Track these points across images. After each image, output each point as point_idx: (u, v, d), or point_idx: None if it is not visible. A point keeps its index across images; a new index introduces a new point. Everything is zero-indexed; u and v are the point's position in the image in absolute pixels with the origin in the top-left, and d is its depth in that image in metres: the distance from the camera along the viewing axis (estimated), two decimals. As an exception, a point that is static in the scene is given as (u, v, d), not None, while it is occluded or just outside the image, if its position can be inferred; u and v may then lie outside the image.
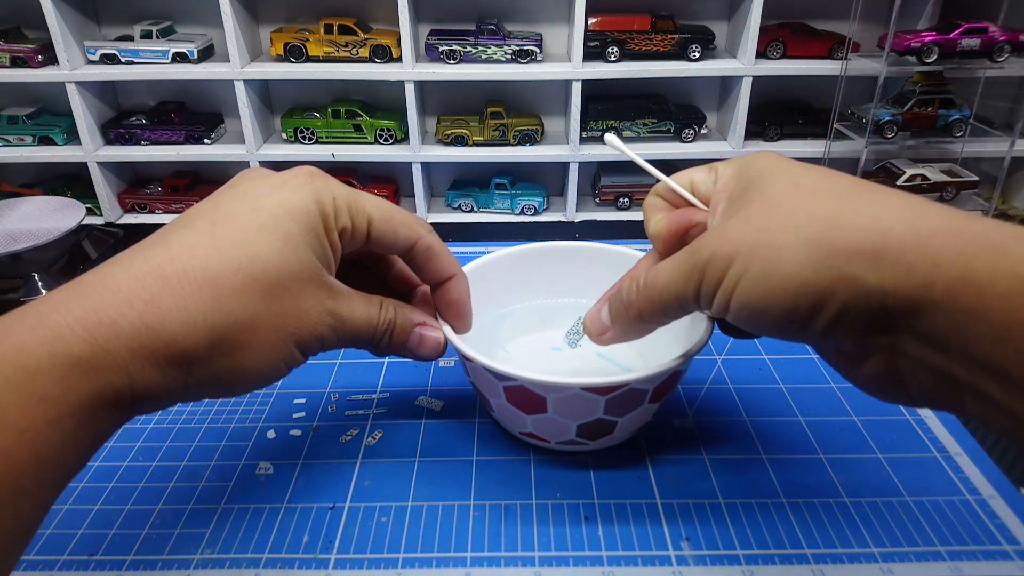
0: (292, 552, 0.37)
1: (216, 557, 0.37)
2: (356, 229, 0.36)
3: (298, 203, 0.33)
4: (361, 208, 0.36)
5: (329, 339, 0.35)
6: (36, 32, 0.69)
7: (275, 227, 0.32)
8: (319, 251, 0.34)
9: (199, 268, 0.30)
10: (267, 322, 0.32)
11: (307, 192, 0.34)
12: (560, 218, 0.73)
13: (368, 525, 0.39)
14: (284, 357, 0.33)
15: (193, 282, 0.30)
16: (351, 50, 0.66)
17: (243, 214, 0.33)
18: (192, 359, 0.30)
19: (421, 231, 0.38)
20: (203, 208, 0.34)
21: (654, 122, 0.70)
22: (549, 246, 0.52)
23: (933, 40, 0.58)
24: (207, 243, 0.31)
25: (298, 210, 0.33)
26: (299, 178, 0.35)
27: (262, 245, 0.32)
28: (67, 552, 0.37)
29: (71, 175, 0.80)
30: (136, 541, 0.38)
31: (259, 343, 0.32)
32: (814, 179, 0.30)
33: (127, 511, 0.40)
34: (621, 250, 0.51)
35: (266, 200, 0.33)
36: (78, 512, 0.40)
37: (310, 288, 0.33)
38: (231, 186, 0.35)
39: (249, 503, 0.40)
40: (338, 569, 0.37)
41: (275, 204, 0.33)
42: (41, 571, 0.36)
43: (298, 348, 0.33)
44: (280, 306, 0.32)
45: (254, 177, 0.36)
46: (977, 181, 0.64)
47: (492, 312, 0.51)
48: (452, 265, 0.41)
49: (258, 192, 0.34)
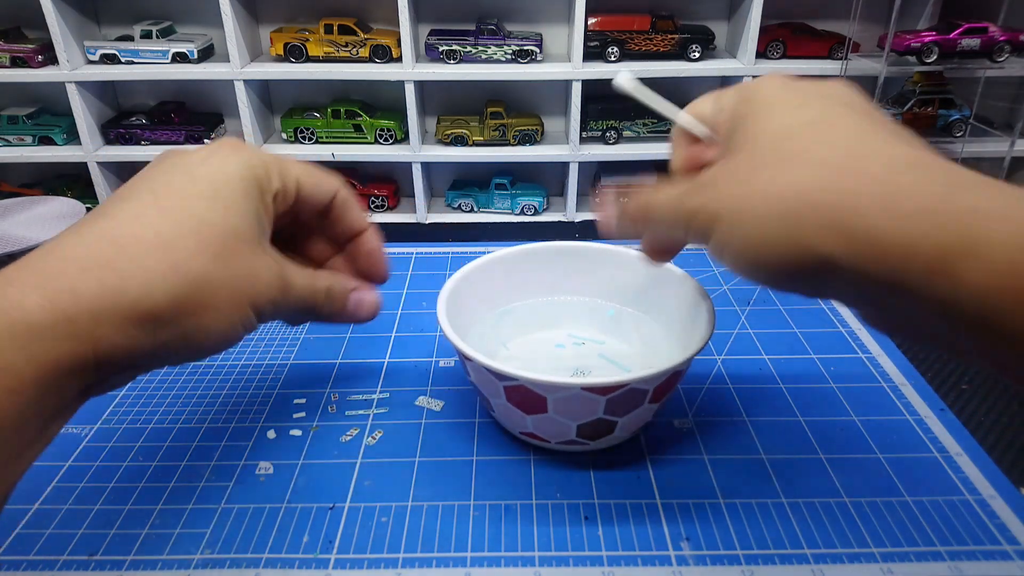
0: (292, 552, 0.37)
1: (216, 557, 0.37)
2: (287, 190, 0.37)
3: (231, 169, 0.34)
4: (289, 170, 0.37)
5: (280, 303, 0.35)
6: (36, 32, 0.69)
7: (214, 193, 0.33)
8: (259, 215, 0.35)
9: (151, 233, 0.31)
10: (223, 283, 0.32)
11: (238, 159, 0.35)
12: (560, 218, 0.73)
13: (368, 525, 0.39)
14: (242, 318, 0.33)
15: (147, 246, 0.30)
16: (351, 50, 0.66)
17: (181, 183, 0.33)
18: (156, 319, 0.30)
19: (337, 183, 0.40)
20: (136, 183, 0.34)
21: (654, 122, 0.70)
22: (549, 246, 0.52)
23: (933, 40, 0.58)
24: (153, 211, 0.32)
25: (232, 176, 0.34)
26: (226, 148, 0.35)
27: (206, 210, 0.32)
28: (67, 552, 0.37)
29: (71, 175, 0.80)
30: (136, 541, 0.38)
31: (219, 303, 0.32)
32: (809, 123, 0.29)
33: (127, 511, 0.40)
34: (621, 250, 0.51)
35: (200, 169, 0.34)
36: (78, 512, 0.40)
37: (257, 251, 0.34)
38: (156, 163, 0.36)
39: (249, 503, 0.40)
40: (338, 569, 0.37)
41: (211, 171, 0.34)
42: (41, 571, 0.36)
43: (253, 310, 0.34)
44: (233, 268, 0.32)
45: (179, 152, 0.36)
46: (977, 181, 0.64)
47: (492, 312, 0.51)
48: (364, 217, 0.42)
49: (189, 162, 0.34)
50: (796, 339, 0.56)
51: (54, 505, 0.40)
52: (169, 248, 0.31)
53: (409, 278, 0.66)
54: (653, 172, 0.78)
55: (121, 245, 0.30)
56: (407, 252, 0.71)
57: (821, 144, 0.28)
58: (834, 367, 0.52)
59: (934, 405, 0.48)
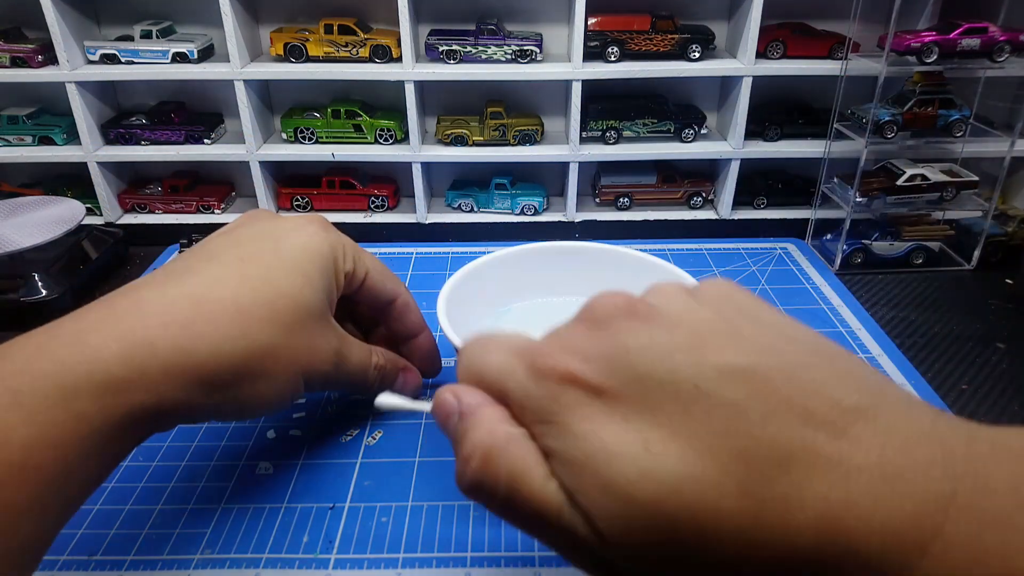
0: (292, 552, 0.37)
1: (216, 557, 0.37)
2: (356, 276, 0.39)
3: (315, 246, 0.37)
4: (362, 259, 0.40)
5: (331, 376, 0.37)
6: (36, 32, 0.69)
7: (296, 267, 0.35)
8: (330, 291, 0.37)
9: (229, 298, 0.32)
10: (285, 353, 0.34)
11: (323, 237, 0.37)
12: (560, 218, 0.73)
13: (368, 525, 0.39)
14: (293, 387, 0.35)
15: (225, 310, 0.32)
16: (351, 50, 0.66)
17: (267, 252, 0.35)
18: (217, 382, 0.31)
19: (401, 288, 0.43)
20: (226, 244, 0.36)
21: (654, 122, 0.70)
22: (549, 246, 0.52)
23: (933, 40, 0.58)
24: (236, 276, 0.33)
25: (315, 252, 0.36)
26: (315, 224, 0.38)
27: (285, 282, 0.34)
28: (67, 552, 0.38)
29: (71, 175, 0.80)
30: (136, 541, 0.38)
31: (276, 372, 0.33)
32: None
33: (127, 511, 0.40)
34: (621, 250, 0.51)
35: (287, 241, 0.36)
36: (78, 512, 0.40)
37: (321, 325, 0.36)
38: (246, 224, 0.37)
39: (249, 503, 0.40)
40: (338, 569, 0.37)
41: (296, 246, 0.36)
42: (41, 571, 0.36)
43: (304, 380, 0.35)
44: (297, 339, 0.34)
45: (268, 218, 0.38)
46: (977, 181, 0.64)
47: (492, 312, 0.51)
48: (422, 320, 0.45)
49: (278, 233, 0.37)
50: (796, 339, 0.56)
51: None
52: (243, 315, 0.32)
53: (409, 278, 0.66)
54: (653, 172, 0.77)
55: (200, 305, 0.31)
56: (407, 252, 0.71)
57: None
58: (834, 367, 0.52)
59: (934, 405, 0.48)
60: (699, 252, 0.71)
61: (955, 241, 0.70)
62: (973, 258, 0.69)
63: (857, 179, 0.65)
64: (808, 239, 0.74)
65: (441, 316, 0.43)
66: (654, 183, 0.77)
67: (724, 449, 0.21)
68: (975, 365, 0.54)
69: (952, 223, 0.70)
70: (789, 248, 0.72)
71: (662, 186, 0.77)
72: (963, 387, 0.51)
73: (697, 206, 0.78)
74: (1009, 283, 0.66)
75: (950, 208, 0.68)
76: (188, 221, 0.77)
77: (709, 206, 0.79)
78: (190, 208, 0.78)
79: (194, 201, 0.78)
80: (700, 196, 0.78)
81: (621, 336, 0.24)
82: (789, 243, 0.73)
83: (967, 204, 0.67)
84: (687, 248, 0.72)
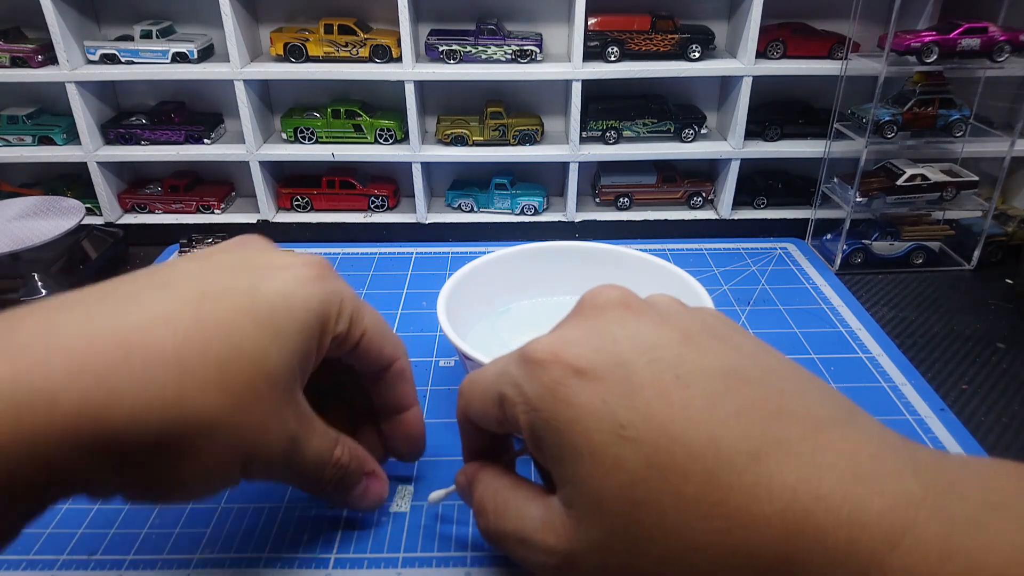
0: (292, 552, 0.37)
1: (216, 557, 0.37)
2: (350, 338, 0.32)
3: (303, 296, 0.28)
4: (361, 316, 0.32)
5: (276, 468, 0.30)
6: (36, 32, 0.69)
7: (269, 319, 0.27)
8: (306, 357, 0.29)
9: (171, 347, 0.24)
10: (226, 431, 0.26)
11: (317, 287, 0.29)
12: (560, 218, 0.73)
13: (368, 525, 0.39)
14: (225, 476, 0.27)
15: (161, 363, 0.24)
16: (351, 50, 0.66)
17: (239, 293, 0.27)
18: (130, 457, 0.24)
19: (400, 352, 0.35)
20: (192, 271, 0.28)
21: (654, 122, 0.70)
22: (549, 246, 0.52)
23: (933, 40, 0.58)
24: (189, 318, 0.25)
25: (300, 304, 0.28)
26: (311, 268, 0.30)
27: (248, 337, 0.26)
28: (67, 552, 0.37)
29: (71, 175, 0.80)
30: (136, 541, 0.38)
31: (209, 454, 0.26)
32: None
33: (127, 511, 0.40)
34: (621, 250, 0.51)
35: (269, 283, 0.28)
36: (78, 512, 0.40)
37: (282, 401, 0.28)
38: (230, 251, 0.30)
39: (249, 503, 0.40)
40: (338, 569, 0.37)
41: (276, 292, 0.28)
42: (41, 571, 0.36)
43: (242, 470, 0.28)
44: (246, 415, 0.26)
45: (259, 249, 0.30)
46: (977, 181, 0.63)
47: (492, 311, 0.51)
48: (414, 393, 0.37)
49: (262, 270, 0.28)
50: (796, 339, 0.56)
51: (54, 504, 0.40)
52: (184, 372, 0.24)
53: (409, 278, 0.66)
54: (653, 172, 0.77)
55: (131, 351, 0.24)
56: (407, 252, 0.71)
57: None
58: (834, 367, 0.52)
59: (934, 405, 0.48)
60: (699, 252, 0.71)
61: (955, 241, 0.70)
62: (973, 258, 0.69)
63: (857, 179, 0.65)
64: (808, 239, 0.74)
65: (441, 316, 0.43)
66: (654, 183, 0.77)
67: (696, 437, 0.22)
68: (975, 365, 0.54)
69: (952, 223, 0.70)
70: (789, 248, 0.72)
71: (662, 186, 0.77)
72: (963, 387, 0.51)
73: (697, 206, 0.78)
74: (1009, 283, 0.66)
75: (950, 208, 0.68)
76: (188, 221, 0.77)
77: (709, 206, 0.79)
78: (190, 208, 0.78)
79: (194, 201, 0.78)
80: (700, 196, 0.78)
81: (611, 324, 0.25)
82: (789, 243, 0.73)
83: (967, 204, 0.67)
84: (687, 248, 0.72)
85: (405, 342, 0.56)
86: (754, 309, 0.60)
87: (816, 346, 0.55)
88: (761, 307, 0.60)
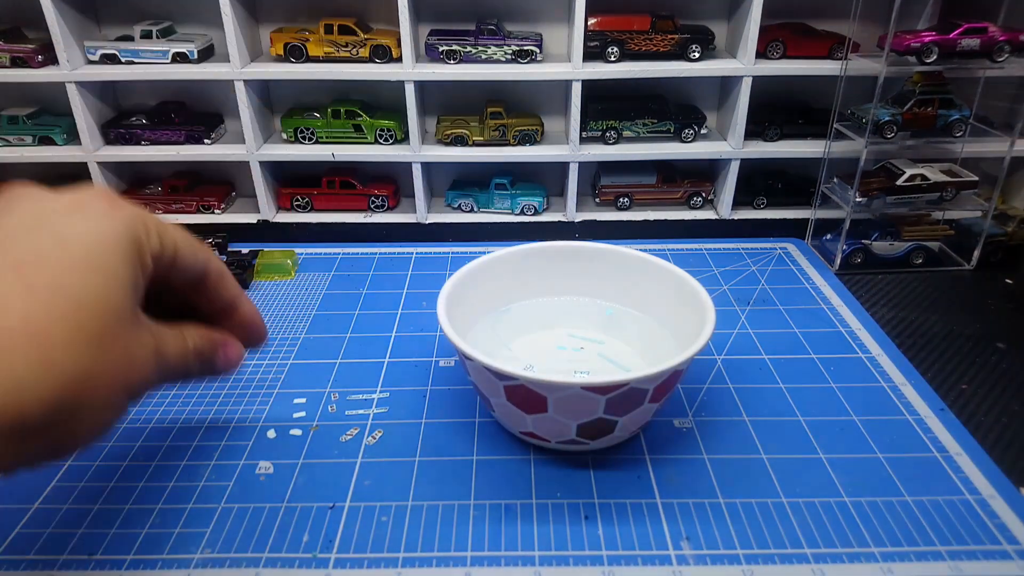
0: (292, 552, 0.37)
1: (216, 557, 0.37)
2: (165, 255, 0.32)
3: (110, 230, 0.29)
4: (168, 232, 0.33)
5: (153, 382, 0.32)
6: (36, 32, 0.69)
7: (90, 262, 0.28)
8: (137, 282, 0.30)
9: (18, 320, 0.25)
10: (100, 376, 0.27)
11: (118, 219, 0.29)
12: (560, 218, 0.73)
13: (368, 525, 0.39)
14: (117, 412, 0.29)
15: (15, 339, 0.25)
16: (351, 50, 0.66)
17: (50, 250, 0.27)
18: (25, 430, 0.25)
19: (212, 256, 0.36)
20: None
21: (654, 122, 0.70)
22: (549, 246, 0.52)
23: (933, 40, 0.58)
24: (18, 291, 0.26)
25: (109, 238, 0.29)
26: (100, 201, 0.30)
27: (81, 285, 0.27)
28: (67, 552, 0.37)
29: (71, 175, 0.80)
30: (136, 541, 0.38)
31: (96, 400, 0.27)
32: None
33: (127, 511, 0.40)
34: (621, 250, 0.51)
35: (73, 229, 0.28)
36: (78, 512, 0.40)
37: (135, 328, 0.29)
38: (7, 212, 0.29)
39: (249, 503, 0.40)
40: (338, 569, 0.37)
41: (85, 233, 0.28)
42: (41, 571, 0.36)
43: (128, 398, 0.29)
44: (110, 355, 0.27)
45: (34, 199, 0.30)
46: (977, 181, 0.64)
47: (492, 311, 0.51)
48: (238, 287, 0.38)
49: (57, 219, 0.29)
50: (796, 339, 0.56)
51: (54, 505, 0.40)
52: (40, 339, 0.25)
53: (409, 278, 0.66)
54: (653, 172, 0.78)
55: None
56: (407, 252, 0.71)
57: None
58: (834, 367, 0.52)
59: (934, 405, 0.48)
60: (699, 252, 0.71)
61: (955, 241, 0.70)
62: (973, 258, 0.69)
63: (857, 179, 0.65)
64: (808, 239, 0.74)
65: (441, 316, 0.43)
66: (654, 183, 0.77)
67: None
68: (975, 365, 0.54)
69: (952, 223, 0.70)
70: (789, 248, 0.72)
71: (662, 186, 0.77)
72: (963, 387, 0.51)
73: (697, 206, 0.78)
74: (1009, 283, 0.66)
75: (950, 208, 0.68)
76: (188, 221, 0.77)
77: (709, 206, 0.79)
78: (190, 208, 0.78)
79: (194, 201, 0.78)
80: (700, 196, 0.78)
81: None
82: (789, 243, 0.73)
83: (967, 204, 0.67)
84: (687, 248, 0.72)
85: (405, 342, 0.56)
86: (754, 309, 0.60)
87: (816, 346, 0.55)
88: (761, 307, 0.60)
